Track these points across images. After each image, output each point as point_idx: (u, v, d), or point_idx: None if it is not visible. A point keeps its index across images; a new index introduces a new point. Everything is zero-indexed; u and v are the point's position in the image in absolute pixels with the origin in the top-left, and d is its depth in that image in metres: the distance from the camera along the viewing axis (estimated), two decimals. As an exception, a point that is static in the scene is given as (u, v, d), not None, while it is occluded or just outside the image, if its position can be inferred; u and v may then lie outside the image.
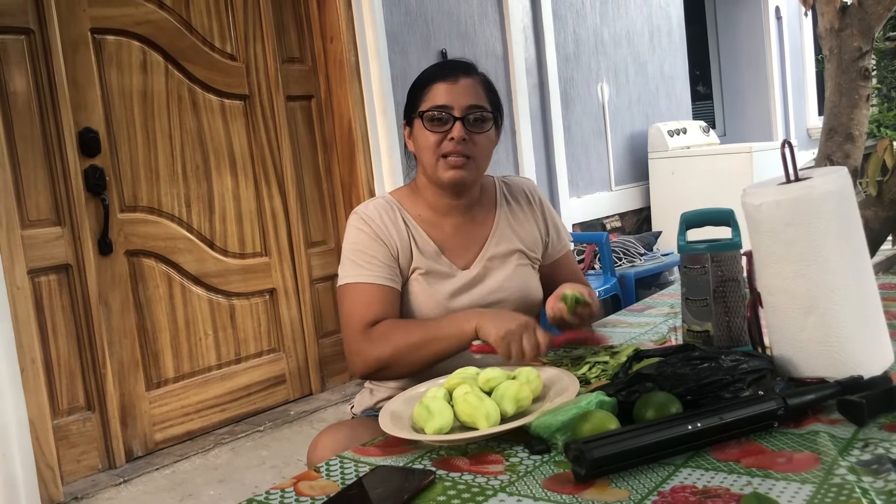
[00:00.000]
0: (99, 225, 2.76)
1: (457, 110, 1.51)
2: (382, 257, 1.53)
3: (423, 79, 1.57)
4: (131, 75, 2.89)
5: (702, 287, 1.37)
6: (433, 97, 1.53)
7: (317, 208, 3.51)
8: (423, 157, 1.56)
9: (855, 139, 3.42)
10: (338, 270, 1.58)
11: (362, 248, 1.54)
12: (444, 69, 1.57)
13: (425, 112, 1.52)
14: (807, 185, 1.13)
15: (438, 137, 1.52)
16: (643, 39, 5.50)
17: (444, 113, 1.51)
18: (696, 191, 4.89)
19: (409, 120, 1.60)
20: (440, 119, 1.52)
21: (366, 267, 1.52)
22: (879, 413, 1.03)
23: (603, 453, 0.94)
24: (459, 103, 1.51)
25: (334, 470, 1.08)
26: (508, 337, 1.34)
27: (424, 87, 1.55)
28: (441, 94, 1.52)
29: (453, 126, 1.51)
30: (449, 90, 1.52)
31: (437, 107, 1.51)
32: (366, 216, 1.57)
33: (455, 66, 1.57)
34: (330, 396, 3.40)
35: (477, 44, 4.11)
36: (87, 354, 2.71)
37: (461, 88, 1.53)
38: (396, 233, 1.56)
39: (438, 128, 1.52)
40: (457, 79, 1.53)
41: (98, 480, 2.67)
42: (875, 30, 3.42)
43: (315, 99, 3.51)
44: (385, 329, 1.47)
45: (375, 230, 1.55)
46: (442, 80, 1.53)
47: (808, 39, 7.69)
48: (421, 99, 1.55)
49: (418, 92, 1.56)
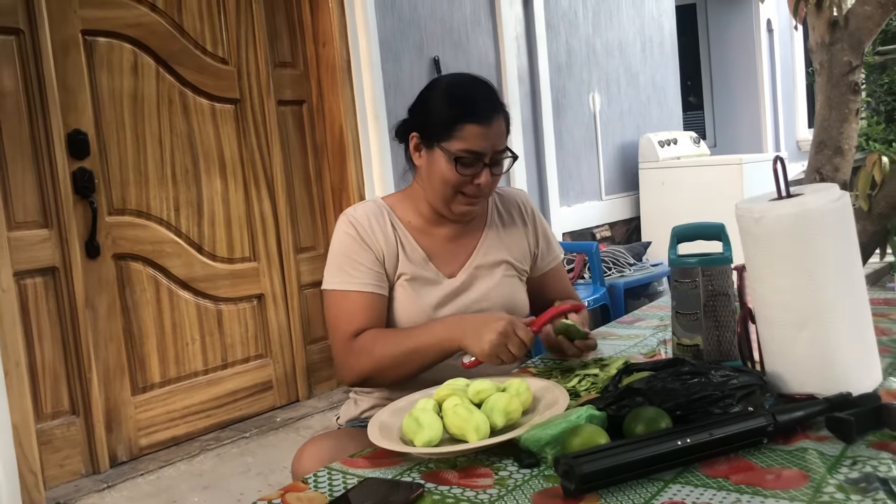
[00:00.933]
0: (86, 228, 2.73)
1: (487, 156, 1.50)
2: (369, 263, 1.53)
3: (454, 110, 1.50)
4: (122, 77, 2.87)
5: (692, 301, 1.37)
6: (466, 139, 1.48)
7: (306, 213, 3.50)
8: (437, 187, 1.53)
9: (844, 153, 3.44)
10: (324, 274, 1.57)
11: (349, 252, 1.53)
12: (478, 106, 1.50)
13: (457, 156, 1.48)
14: (808, 201, 1.13)
15: (464, 180, 1.50)
16: (635, 50, 5.52)
17: (476, 159, 1.49)
18: (686, 201, 4.90)
19: (426, 141, 1.53)
20: (469, 163, 1.49)
21: (352, 273, 1.52)
22: (868, 431, 1.03)
23: (592, 468, 0.94)
24: (490, 149, 1.49)
25: (322, 481, 1.07)
26: (493, 350, 1.37)
27: (455, 123, 1.48)
28: (475, 139, 1.48)
29: (481, 172, 1.50)
30: (483, 136, 1.48)
31: (471, 152, 1.48)
32: (354, 219, 1.57)
33: (487, 103, 1.51)
34: (317, 403, 3.38)
35: (470, 52, 4.12)
36: (72, 358, 2.69)
37: (494, 133, 1.50)
38: (384, 237, 1.56)
39: (466, 171, 1.49)
40: (490, 122, 1.49)
41: (81, 486, 2.64)
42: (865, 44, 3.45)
43: (306, 104, 3.50)
44: (367, 342, 1.47)
45: (362, 234, 1.54)
46: (476, 122, 1.47)
47: (798, 53, 7.75)
48: (449, 133, 1.48)
49: (446, 123, 1.49)
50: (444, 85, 1.58)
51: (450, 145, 1.49)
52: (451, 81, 1.61)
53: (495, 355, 1.37)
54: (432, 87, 1.60)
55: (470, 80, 1.60)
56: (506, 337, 1.36)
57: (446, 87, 1.57)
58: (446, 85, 1.58)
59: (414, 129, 1.56)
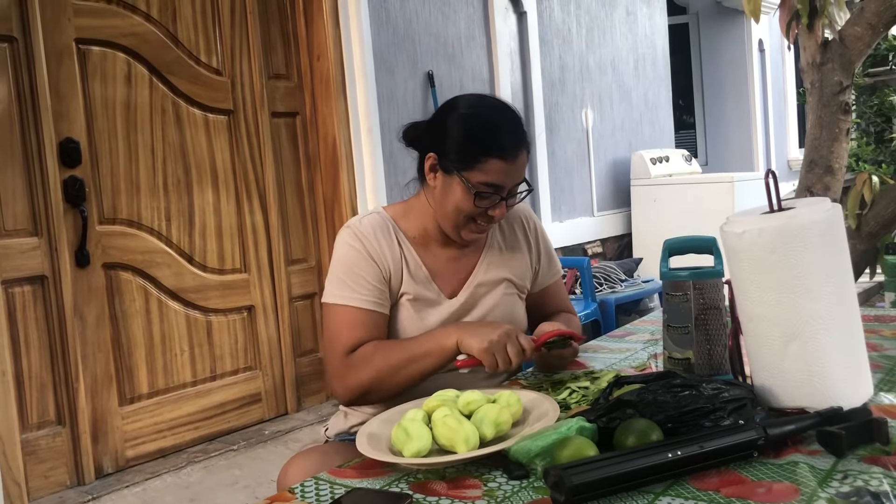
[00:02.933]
0: (77, 237, 2.72)
1: (506, 190, 1.48)
2: (373, 279, 1.49)
3: (480, 142, 1.46)
4: (115, 87, 2.87)
5: (683, 314, 1.37)
6: (488, 172, 1.45)
7: (298, 226, 3.49)
8: (448, 213, 1.50)
9: (835, 172, 3.46)
10: (324, 284, 1.54)
11: (353, 266, 1.50)
12: (506, 141, 1.46)
13: (477, 190, 1.45)
14: (791, 215, 1.14)
15: (479, 211, 1.49)
16: (628, 67, 5.55)
17: (495, 192, 1.47)
18: (678, 218, 4.92)
19: (444, 164, 1.49)
20: (488, 196, 1.47)
21: (354, 289, 1.48)
22: (859, 445, 1.03)
23: (582, 480, 0.93)
24: (511, 183, 1.48)
25: (309, 491, 1.06)
26: (492, 348, 1.34)
27: (480, 155, 1.44)
28: (497, 174, 1.45)
29: (498, 205, 1.48)
30: (506, 171, 1.46)
31: (491, 185, 1.46)
32: (359, 232, 1.53)
33: (514, 138, 1.48)
34: (306, 416, 3.36)
35: (464, 67, 4.13)
36: (59, 368, 2.67)
37: (516, 168, 1.48)
38: (390, 253, 1.52)
39: (483, 203, 1.48)
40: (515, 158, 1.46)
41: (66, 497, 2.61)
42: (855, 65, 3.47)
43: (300, 116, 3.50)
44: (365, 353, 1.45)
45: (368, 249, 1.51)
46: (502, 158, 1.44)
47: (790, 72, 7.81)
48: (472, 164, 1.45)
49: (470, 153, 1.45)
50: (467, 109, 1.52)
51: (470, 176, 1.45)
52: (474, 104, 1.54)
53: (492, 354, 1.34)
54: (453, 107, 1.53)
55: (496, 108, 1.54)
56: (507, 338, 1.35)
57: (470, 112, 1.51)
58: (469, 109, 1.52)
59: (432, 149, 1.51)
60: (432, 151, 1.51)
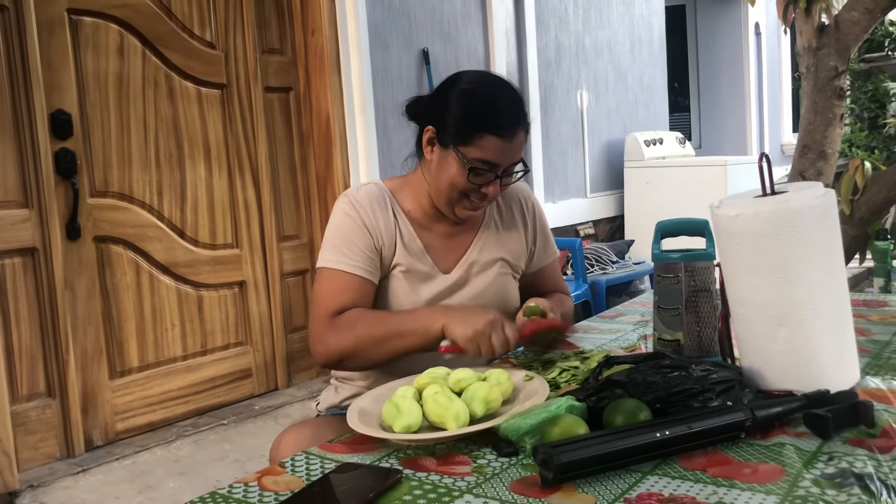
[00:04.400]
0: (68, 209, 2.71)
1: (501, 169, 1.48)
2: (365, 247, 1.50)
3: (479, 118, 1.45)
4: (107, 58, 2.84)
5: (674, 296, 1.37)
6: (484, 149, 1.45)
7: (290, 202, 3.48)
8: (444, 187, 1.50)
9: (828, 157, 3.47)
10: (316, 260, 1.54)
11: (346, 233, 1.51)
12: (504, 118, 1.46)
13: (472, 166, 1.45)
14: (785, 199, 1.14)
15: (473, 187, 1.49)
16: (624, 49, 5.53)
17: (490, 170, 1.47)
18: (670, 201, 4.93)
19: (441, 138, 1.49)
20: (482, 173, 1.47)
21: (346, 254, 1.49)
22: (845, 427, 1.04)
23: (571, 458, 0.94)
24: (506, 162, 1.48)
25: (299, 466, 1.06)
26: (477, 338, 1.34)
27: (477, 131, 1.44)
28: (493, 151, 1.45)
29: (492, 182, 1.48)
30: (502, 148, 1.45)
31: (486, 162, 1.46)
32: (356, 201, 1.53)
33: (513, 118, 1.47)
34: (296, 392, 3.37)
35: (459, 45, 4.11)
36: (49, 340, 2.66)
37: (513, 147, 1.47)
38: (384, 224, 1.53)
39: (477, 179, 1.47)
40: (513, 137, 1.46)
41: (55, 469, 2.62)
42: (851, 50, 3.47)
43: (293, 91, 3.48)
44: (351, 319, 1.45)
45: (363, 217, 1.52)
46: (498, 135, 1.44)
47: (785, 56, 7.80)
48: (469, 139, 1.45)
49: (468, 128, 1.45)
50: (469, 84, 1.51)
51: (466, 151, 1.46)
52: (476, 81, 1.54)
53: (477, 343, 1.33)
54: (456, 82, 1.53)
55: (497, 85, 1.53)
56: (492, 327, 1.34)
57: (471, 87, 1.51)
58: (471, 84, 1.51)
59: (431, 123, 1.52)
60: (431, 125, 1.51)
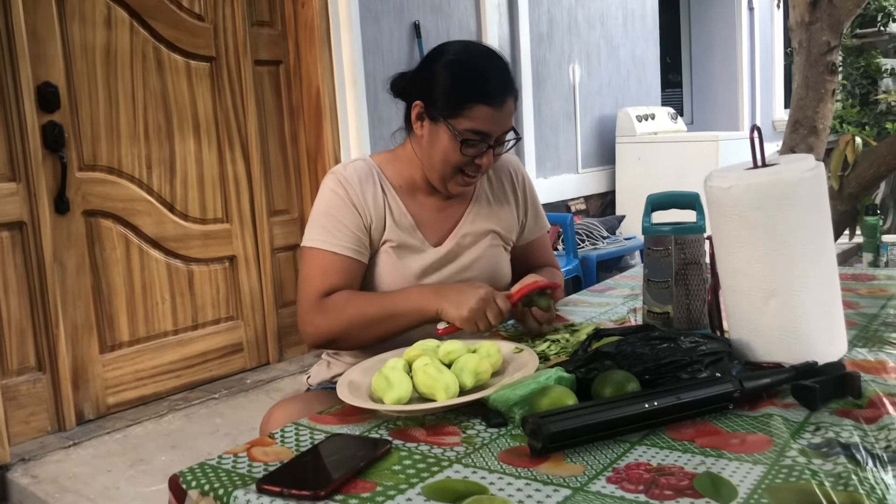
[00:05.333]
0: (56, 183, 2.68)
1: (493, 138, 1.47)
2: (353, 226, 1.49)
3: (467, 88, 1.44)
4: (94, 30, 2.80)
5: (664, 269, 1.38)
6: (474, 118, 1.43)
7: (281, 176, 3.46)
8: (436, 161, 1.49)
9: (819, 133, 3.47)
10: (305, 230, 1.53)
11: (334, 212, 1.49)
12: (492, 87, 1.45)
13: (464, 137, 1.44)
14: (777, 171, 1.14)
15: (466, 160, 1.47)
16: (617, 23, 5.50)
17: (482, 140, 1.46)
18: (662, 177, 4.91)
19: (431, 112, 1.48)
20: (475, 144, 1.46)
21: (334, 234, 1.48)
22: (831, 398, 1.05)
23: (559, 428, 0.94)
24: (498, 131, 1.47)
25: (289, 437, 1.07)
26: (473, 316, 1.36)
27: (467, 101, 1.43)
28: (484, 121, 1.44)
29: (485, 153, 1.47)
30: (493, 117, 1.44)
31: (478, 133, 1.45)
32: (343, 179, 1.52)
33: (502, 84, 1.46)
34: (287, 367, 3.38)
35: (451, 18, 4.07)
36: (39, 314, 2.65)
37: (503, 115, 1.46)
38: (373, 201, 1.52)
39: (470, 151, 1.46)
40: (502, 104, 1.45)
41: (47, 442, 2.62)
42: (844, 25, 3.46)
43: (283, 64, 3.45)
44: (340, 300, 1.44)
45: (351, 195, 1.50)
46: (488, 104, 1.43)
47: (778, 32, 7.77)
48: (459, 110, 1.44)
49: (457, 99, 1.44)
50: (455, 55, 1.50)
51: (457, 123, 1.44)
52: (462, 51, 1.53)
53: (473, 321, 1.35)
54: (441, 54, 1.51)
55: (484, 55, 1.52)
56: (486, 303, 1.36)
57: (457, 58, 1.50)
58: (457, 55, 1.50)
59: (419, 97, 1.50)
60: (419, 99, 1.50)
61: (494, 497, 0.85)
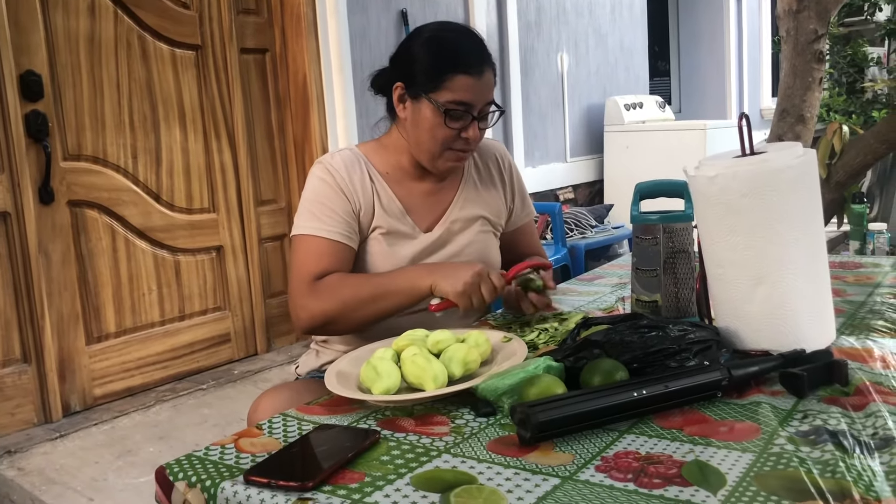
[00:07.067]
0: (40, 173, 2.66)
1: (476, 109, 1.46)
2: (342, 212, 1.49)
3: (444, 61, 1.45)
4: (78, 18, 2.77)
5: (652, 258, 1.38)
6: (455, 89, 1.44)
7: (268, 166, 3.44)
8: (424, 140, 1.49)
9: (806, 121, 3.48)
10: (294, 219, 1.53)
11: (323, 199, 1.50)
12: (469, 57, 1.46)
13: (447, 109, 1.44)
14: (764, 159, 1.14)
15: (453, 133, 1.47)
16: (604, 11, 5.48)
17: (465, 111, 1.46)
18: (650, 165, 4.91)
19: (412, 91, 1.49)
20: (458, 116, 1.46)
21: (323, 220, 1.48)
22: (819, 386, 1.05)
23: (548, 417, 0.94)
24: (480, 102, 1.46)
25: (277, 428, 1.06)
26: (468, 290, 1.36)
27: (445, 73, 1.44)
28: (465, 91, 1.44)
29: (470, 125, 1.47)
30: (473, 87, 1.45)
31: (460, 103, 1.45)
32: (331, 167, 1.52)
33: (478, 54, 1.47)
34: (275, 357, 3.37)
35: (438, 6, 4.05)
36: (24, 305, 2.63)
37: (483, 85, 1.46)
38: (361, 188, 1.52)
39: (454, 124, 1.46)
40: (481, 73, 1.46)
41: (33, 434, 2.60)
42: (832, 13, 3.47)
43: (270, 53, 3.42)
44: (333, 282, 1.44)
45: (339, 182, 1.51)
46: (466, 73, 1.44)
47: (766, 20, 7.78)
48: (439, 84, 1.44)
49: (436, 73, 1.45)
50: (431, 32, 1.53)
51: (438, 96, 1.45)
52: (438, 28, 1.55)
53: (468, 295, 1.35)
54: (417, 34, 1.54)
55: (458, 29, 1.55)
56: (480, 277, 1.37)
57: (433, 34, 1.52)
58: (433, 32, 1.53)
59: (398, 80, 1.51)
60: (399, 81, 1.51)
61: (483, 487, 0.84)
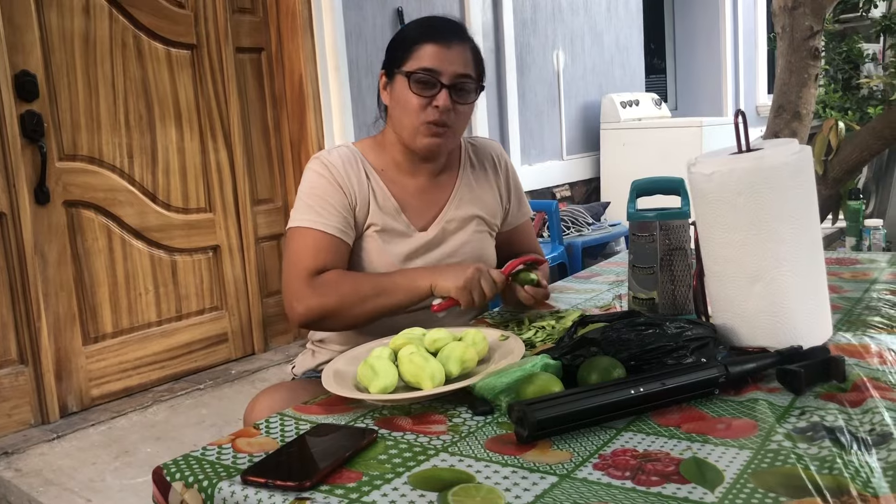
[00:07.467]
0: (36, 173, 2.65)
1: (445, 77, 1.47)
2: (339, 206, 1.49)
3: (414, 34, 1.50)
4: (73, 18, 2.76)
5: (649, 255, 1.38)
6: (422, 58, 1.46)
7: (264, 165, 3.43)
8: (402, 117, 1.51)
9: (802, 118, 3.48)
10: (290, 213, 1.53)
11: (320, 193, 1.50)
12: (438, 30, 1.50)
13: (412, 73, 1.46)
14: (760, 156, 1.14)
15: (423, 102, 1.47)
16: (600, 9, 5.48)
17: (432, 78, 1.46)
18: (646, 163, 4.92)
19: (389, 73, 1.53)
20: (427, 83, 1.47)
21: (320, 213, 1.48)
22: (816, 382, 1.05)
23: (546, 415, 0.94)
24: (449, 70, 1.47)
25: (274, 427, 1.06)
26: (468, 286, 1.37)
27: (414, 44, 1.48)
28: (431, 57, 1.46)
29: (439, 93, 1.47)
30: (440, 54, 1.46)
31: (426, 70, 1.46)
32: (328, 162, 1.53)
33: (449, 28, 1.51)
34: (272, 356, 3.36)
35: (434, 4, 4.05)
36: (20, 306, 2.63)
37: (453, 55, 1.47)
38: (357, 183, 1.52)
39: (424, 91, 1.47)
40: (450, 44, 1.47)
41: (30, 436, 2.60)
42: (827, 10, 3.47)
43: (265, 52, 3.41)
44: (333, 277, 1.44)
45: (336, 177, 1.51)
46: (434, 42, 1.47)
47: (761, 17, 7.78)
48: (408, 56, 1.48)
49: (406, 47, 1.49)
50: (412, 21, 1.59)
51: (407, 67, 1.48)
52: (420, 18, 1.61)
53: (469, 291, 1.37)
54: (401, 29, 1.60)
55: (437, 15, 1.61)
56: (480, 273, 1.39)
57: (412, 21, 1.59)
58: (413, 20, 1.59)
59: (383, 69, 1.56)
60: (382, 69, 1.56)
61: (481, 485, 0.84)
